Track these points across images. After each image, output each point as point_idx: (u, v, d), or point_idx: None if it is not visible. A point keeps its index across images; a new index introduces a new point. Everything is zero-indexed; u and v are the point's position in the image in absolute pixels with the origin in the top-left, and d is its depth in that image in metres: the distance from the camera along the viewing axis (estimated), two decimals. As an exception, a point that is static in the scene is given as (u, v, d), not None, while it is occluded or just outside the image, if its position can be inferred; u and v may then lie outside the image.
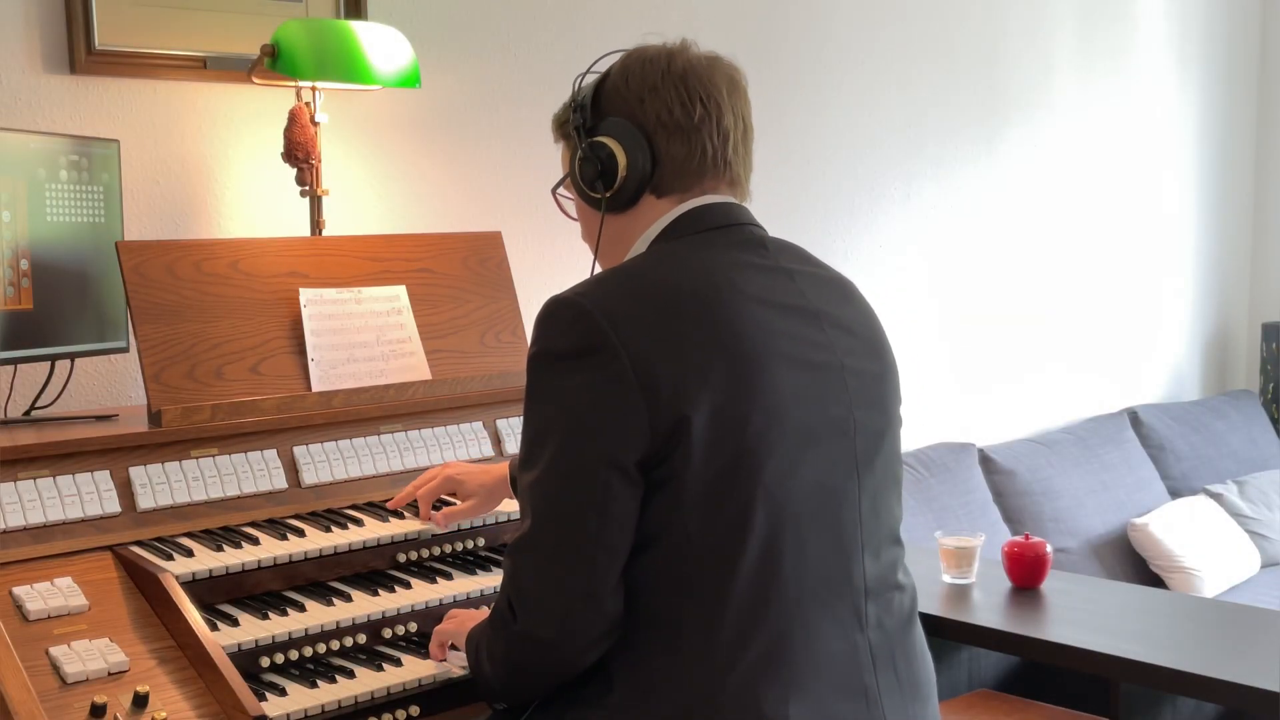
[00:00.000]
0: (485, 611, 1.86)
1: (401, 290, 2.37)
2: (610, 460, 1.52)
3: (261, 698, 1.75)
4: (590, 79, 1.75)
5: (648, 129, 1.68)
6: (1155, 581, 4.19)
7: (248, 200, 2.66)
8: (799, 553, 1.55)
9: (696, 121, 1.67)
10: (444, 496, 2.17)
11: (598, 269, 1.77)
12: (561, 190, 1.84)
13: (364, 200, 2.82)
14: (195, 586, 1.87)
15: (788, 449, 1.55)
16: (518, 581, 1.60)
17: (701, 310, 1.56)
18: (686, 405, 1.50)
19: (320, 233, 2.51)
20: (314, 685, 1.82)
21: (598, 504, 1.52)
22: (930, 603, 2.46)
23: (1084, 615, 2.41)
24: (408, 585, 2.04)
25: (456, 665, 1.89)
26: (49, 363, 2.26)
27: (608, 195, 1.70)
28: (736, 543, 1.52)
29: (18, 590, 1.77)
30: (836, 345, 1.65)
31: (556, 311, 1.58)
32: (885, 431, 1.69)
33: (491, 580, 2.10)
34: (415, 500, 2.15)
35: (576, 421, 1.54)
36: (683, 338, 1.53)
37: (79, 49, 2.42)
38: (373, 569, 2.09)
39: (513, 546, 1.61)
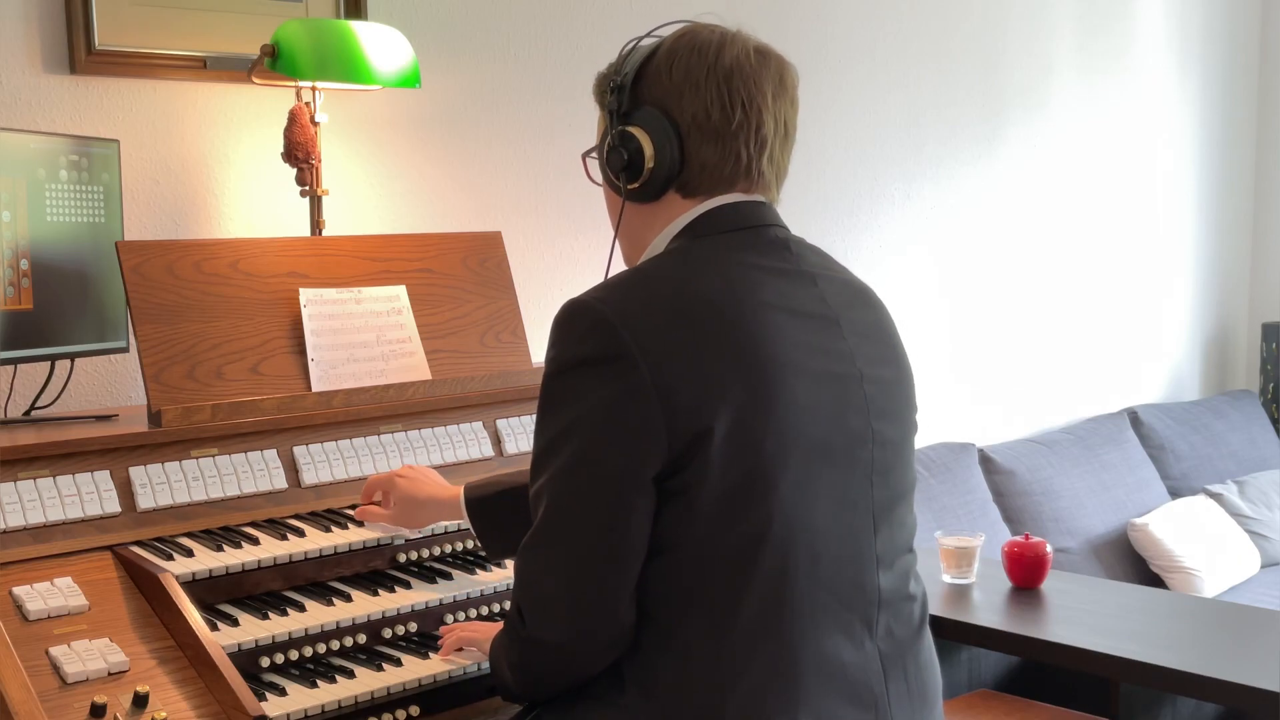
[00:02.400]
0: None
1: (401, 290, 2.37)
2: (625, 473, 1.49)
3: (261, 698, 1.75)
4: (643, 48, 1.67)
5: (682, 128, 1.63)
6: (1155, 581, 4.19)
7: (248, 200, 2.66)
8: (812, 565, 1.53)
9: (734, 128, 1.63)
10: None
11: (617, 248, 1.75)
12: (592, 156, 1.78)
13: (364, 200, 2.82)
14: (195, 586, 1.87)
15: (804, 462, 1.53)
16: (526, 588, 1.59)
17: (720, 319, 1.52)
18: (705, 419, 1.48)
19: (320, 233, 2.51)
20: (314, 685, 1.82)
21: (611, 516, 1.50)
22: (930, 603, 2.44)
23: (1084, 615, 2.41)
24: (408, 585, 2.04)
25: (463, 659, 1.90)
26: (49, 363, 2.26)
27: (631, 188, 1.67)
28: (749, 555, 1.50)
29: (18, 590, 1.77)
30: (856, 353, 1.62)
31: (574, 316, 1.54)
32: (902, 441, 1.66)
33: (491, 580, 2.11)
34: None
35: (592, 432, 1.51)
36: (701, 348, 1.50)
37: (79, 49, 2.42)
38: (373, 569, 2.09)
39: (522, 551, 1.60)
